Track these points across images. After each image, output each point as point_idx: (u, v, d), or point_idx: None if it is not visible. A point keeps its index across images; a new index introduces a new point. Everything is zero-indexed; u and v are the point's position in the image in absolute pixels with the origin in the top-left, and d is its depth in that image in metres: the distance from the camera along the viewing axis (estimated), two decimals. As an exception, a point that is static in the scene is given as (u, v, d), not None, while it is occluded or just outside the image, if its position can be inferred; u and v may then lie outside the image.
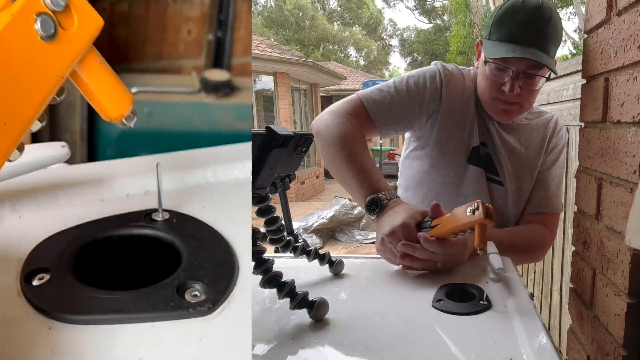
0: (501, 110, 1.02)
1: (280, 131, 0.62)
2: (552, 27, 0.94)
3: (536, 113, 1.14)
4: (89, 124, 1.31)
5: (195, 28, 1.48)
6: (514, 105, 1.00)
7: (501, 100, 1.00)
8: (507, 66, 0.95)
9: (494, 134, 1.07)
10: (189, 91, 1.35)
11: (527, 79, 0.95)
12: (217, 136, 1.34)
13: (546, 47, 0.93)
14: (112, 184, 0.78)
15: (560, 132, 1.13)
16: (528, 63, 0.93)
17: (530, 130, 1.10)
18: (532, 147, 1.09)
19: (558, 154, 1.11)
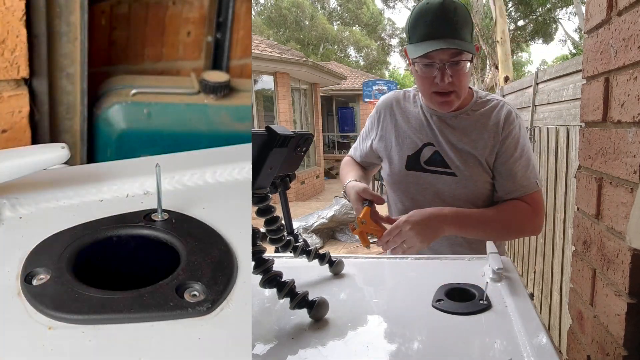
0: (441, 103, 1.12)
1: (280, 131, 0.62)
2: (460, 16, 1.05)
3: (481, 103, 1.17)
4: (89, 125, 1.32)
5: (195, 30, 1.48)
6: (451, 95, 1.09)
7: (437, 93, 1.10)
8: (432, 61, 1.05)
9: (437, 133, 1.18)
10: (188, 92, 1.35)
11: (454, 67, 1.05)
12: (216, 137, 1.34)
13: (460, 34, 1.04)
14: (112, 184, 0.78)
15: (508, 120, 1.13)
16: (449, 52, 1.03)
17: (475, 122, 1.15)
18: (478, 136, 1.14)
19: (516, 140, 1.13)
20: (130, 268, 0.66)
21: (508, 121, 1.13)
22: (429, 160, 1.18)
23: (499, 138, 1.12)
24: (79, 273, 0.59)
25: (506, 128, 1.13)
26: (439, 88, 1.08)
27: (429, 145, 1.18)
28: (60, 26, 1.17)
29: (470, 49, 1.04)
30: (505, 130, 1.13)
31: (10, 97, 1.14)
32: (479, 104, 1.17)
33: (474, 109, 1.16)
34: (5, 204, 0.71)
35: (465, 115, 1.16)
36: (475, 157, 1.13)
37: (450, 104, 1.12)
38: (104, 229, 0.67)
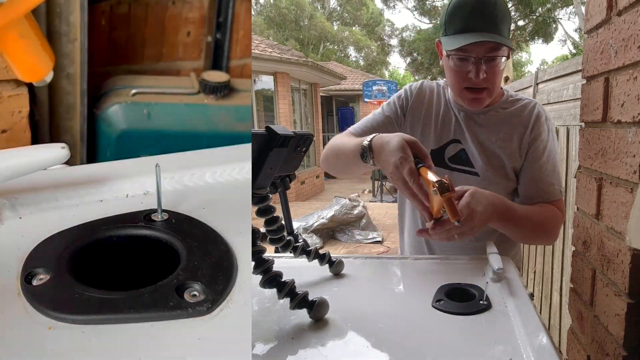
0: (471, 99, 1.08)
1: (280, 131, 0.62)
2: (500, 10, 1.01)
3: (512, 102, 1.14)
4: (89, 125, 1.32)
5: (194, 30, 1.48)
6: (483, 92, 1.06)
7: (470, 89, 1.06)
8: (468, 54, 1.01)
9: (465, 130, 1.13)
10: (188, 92, 1.36)
11: (489, 62, 1.02)
12: (216, 137, 1.34)
13: (499, 29, 1.00)
14: (112, 184, 0.78)
15: (539, 121, 1.10)
16: (486, 46, 0.99)
17: (504, 120, 1.11)
18: (506, 136, 1.10)
19: (545, 143, 1.09)
20: (130, 268, 0.66)
21: (538, 122, 1.10)
22: (454, 157, 1.13)
23: (527, 139, 1.09)
24: (79, 273, 0.59)
25: (535, 129, 1.09)
26: (472, 84, 1.04)
27: (455, 142, 1.13)
28: (60, 26, 1.17)
29: (507, 43, 1.00)
30: (535, 132, 1.09)
31: (10, 97, 1.14)
32: (509, 102, 1.13)
33: (504, 107, 1.13)
34: (5, 204, 0.71)
35: (494, 113, 1.12)
36: (501, 159, 1.09)
37: (481, 101, 1.08)
38: (104, 229, 0.67)
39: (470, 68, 1.02)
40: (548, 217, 1.07)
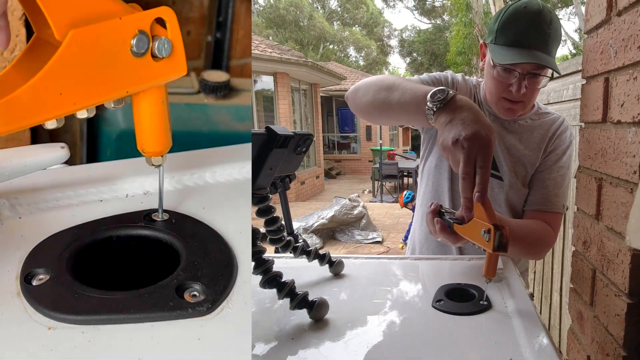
0: (506, 109, 1.08)
1: (280, 131, 0.62)
2: (554, 30, 1.00)
3: (542, 114, 1.15)
4: (89, 125, 1.32)
5: (195, 29, 1.48)
6: (519, 104, 1.06)
7: (507, 99, 1.06)
8: (514, 68, 1.00)
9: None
10: (188, 92, 1.35)
11: (532, 79, 1.01)
12: (216, 137, 1.34)
13: (549, 49, 0.99)
14: (112, 184, 0.78)
15: (563, 134, 1.12)
16: (534, 65, 0.99)
17: (532, 130, 1.13)
18: (532, 146, 1.11)
19: (560, 155, 1.11)
20: (130, 268, 0.66)
21: (563, 135, 1.11)
22: None
23: (547, 149, 1.10)
24: (79, 273, 0.59)
25: (556, 142, 1.10)
26: (511, 96, 1.04)
27: None
28: (60, 26, 1.17)
29: (554, 67, 0.99)
30: (554, 144, 1.10)
31: (10, 97, 1.13)
32: (539, 114, 1.15)
33: (533, 119, 1.14)
34: (5, 204, 0.71)
35: (523, 123, 1.13)
36: (525, 167, 1.11)
37: (515, 112, 1.08)
38: (104, 229, 0.67)
39: (512, 81, 1.02)
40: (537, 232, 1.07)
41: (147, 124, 0.64)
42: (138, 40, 0.56)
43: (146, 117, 0.63)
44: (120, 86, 0.57)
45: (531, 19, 0.97)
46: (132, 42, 0.56)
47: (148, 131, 0.64)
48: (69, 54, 0.51)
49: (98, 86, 0.55)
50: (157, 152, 0.66)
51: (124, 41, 0.55)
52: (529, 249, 1.09)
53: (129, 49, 0.56)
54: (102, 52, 0.54)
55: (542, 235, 1.08)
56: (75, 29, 0.51)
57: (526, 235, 1.05)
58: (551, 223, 1.09)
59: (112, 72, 0.56)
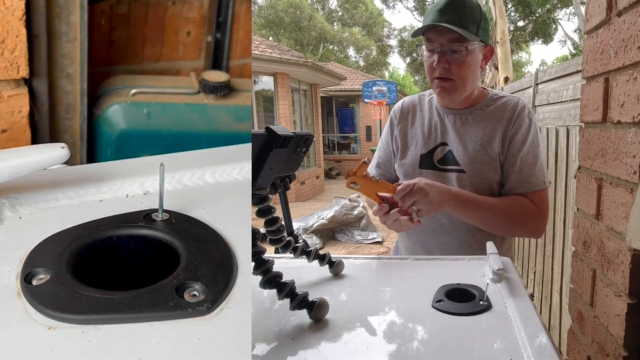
0: (440, 90, 1.15)
1: (280, 132, 0.62)
2: (468, 9, 1.10)
3: (496, 99, 1.19)
4: (89, 125, 1.32)
5: (194, 30, 1.48)
6: (448, 82, 1.13)
7: (437, 78, 1.13)
8: (433, 45, 1.10)
9: (450, 131, 1.20)
10: (188, 92, 1.35)
11: (452, 54, 1.09)
12: (216, 137, 1.34)
13: (463, 24, 1.08)
14: (112, 184, 0.78)
15: (521, 114, 1.14)
16: (448, 37, 1.08)
17: (488, 116, 1.17)
18: (491, 131, 1.15)
19: (525, 136, 1.13)
20: (130, 268, 0.66)
21: (521, 115, 1.14)
22: (442, 159, 1.20)
23: (509, 133, 1.13)
24: (79, 273, 0.59)
25: (517, 123, 1.13)
26: (437, 73, 1.12)
27: (443, 145, 1.20)
28: (60, 26, 1.17)
29: (468, 37, 1.06)
30: (516, 125, 1.13)
31: (10, 97, 1.14)
32: (494, 99, 1.19)
33: (488, 105, 1.18)
34: (5, 204, 0.71)
35: (479, 111, 1.18)
36: (487, 154, 1.14)
37: (447, 91, 1.14)
38: (104, 229, 0.67)
39: (434, 57, 1.11)
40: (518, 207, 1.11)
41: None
42: None
43: None
44: None
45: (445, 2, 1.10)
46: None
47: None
48: None
49: None
50: None
51: None
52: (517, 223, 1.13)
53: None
54: None
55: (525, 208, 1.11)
56: None
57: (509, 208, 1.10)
58: (535, 202, 1.11)
59: None
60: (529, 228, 1.15)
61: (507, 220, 1.12)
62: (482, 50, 1.15)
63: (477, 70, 1.15)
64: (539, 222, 1.14)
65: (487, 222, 1.12)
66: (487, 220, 1.11)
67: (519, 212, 1.12)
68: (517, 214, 1.12)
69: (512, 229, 1.16)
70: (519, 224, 1.14)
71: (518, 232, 1.22)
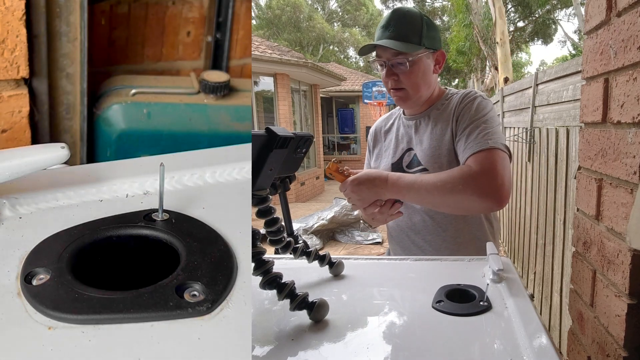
0: (395, 98, 1.23)
1: (280, 132, 0.62)
2: (408, 23, 1.16)
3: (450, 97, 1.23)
4: (89, 125, 1.31)
5: (194, 30, 1.48)
6: (401, 91, 1.20)
7: (392, 89, 1.21)
8: (381, 60, 1.18)
9: (413, 136, 1.25)
10: (188, 92, 1.35)
11: (399, 66, 1.16)
12: (216, 137, 1.34)
13: (404, 36, 1.14)
14: (112, 184, 0.78)
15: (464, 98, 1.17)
16: (389, 52, 1.14)
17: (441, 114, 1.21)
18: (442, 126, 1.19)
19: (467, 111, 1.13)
20: (130, 268, 0.66)
21: (464, 99, 1.17)
22: (410, 163, 1.25)
23: (455, 116, 1.16)
24: (79, 273, 0.59)
25: (461, 105, 1.16)
26: (390, 85, 1.20)
27: (409, 150, 1.26)
28: (60, 26, 1.17)
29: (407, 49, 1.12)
30: (460, 107, 1.16)
31: (10, 97, 1.14)
32: (449, 97, 1.23)
33: (443, 103, 1.22)
34: (5, 204, 0.71)
35: (435, 111, 1.22)
36: (443, 147, 1.16)
37: (402, 99, 1.21)
38: (104, 229, 0.67)
39: (384, 71, 1.19)
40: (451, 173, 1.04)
41: None
42: None
43: None
44: None
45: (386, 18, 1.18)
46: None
47: None
48: None
49: None
50: None
51: None
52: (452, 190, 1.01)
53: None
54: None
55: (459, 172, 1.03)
56: None
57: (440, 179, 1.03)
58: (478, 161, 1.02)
59: None
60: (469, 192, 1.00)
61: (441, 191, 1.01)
62: (432, 57, 1.19)
63: (429, 75, 1.19)
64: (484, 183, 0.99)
65: (428, 200, 1.06)
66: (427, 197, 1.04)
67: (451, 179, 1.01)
68: (450, 181, 1.01)
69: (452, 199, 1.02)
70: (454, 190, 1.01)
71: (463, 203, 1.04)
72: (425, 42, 1.16)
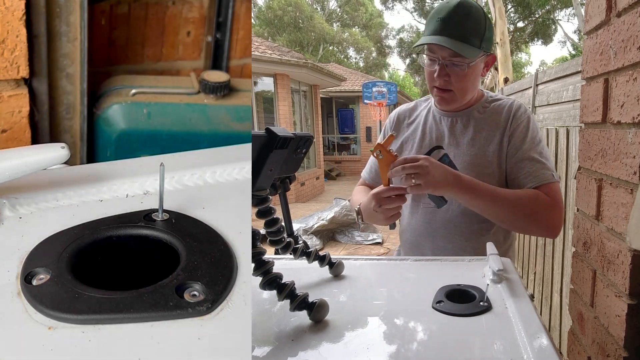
0: (439, 98, 1.16)
1: (280, 133, 0.62)
2: (472, 21, 1.08)
3: (491, 101, 1.19)
4: (89, 125, 1.31)
5: (194, 30, 1.48)
6: (448, 93, 1.13)
7: (437, 87, 1.13)
8: (435, 56, 1.09)
9: (446, 135, 1.19)
10: (188, 92, 1.35)
11: (453, 67, 1.08)
12: (216, 137, 1.34)
13: (466, 37, 1.06)
14: (112, 184, 0.78)
15: (517, 112, 1.14)
16: (449, 52, 1.07)
17: (484, 119, 1.16)
18: (490, 134, 1.14)
19: (524, 133, 1.11)
20: (130, 268, 0.66)
21: (517, 114, 1.13)
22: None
23: (508, 133, 1.12)
24: (79, 273, 0.59)
25: (515, 121, 1.12)
26: (437, 84, 1.12)
27: (438, 149, 1.19)
28: (60, 26, 1.17)
29: (468, 54, 1.05)
30: (514, 123, 1.12)
31: (10, 97, 1.13)
32: (490, 101, 1.18)
33: (485, 107, 1.17)
34: (5, 204, 0.71)
35: (476, 113, 1.17)
36: (485, 158, 1.12)
37: (447, 101, 1.15)
38: (104, 229, 0.67)
39: (435, 68, 1.10)
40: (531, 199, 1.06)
41: None
42: None
43: None
44: None
45: (449, 11, 1.07)
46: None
47: None
48: None
49: None
50: None
51: None
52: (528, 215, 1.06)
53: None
54: None
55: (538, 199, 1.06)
56: None
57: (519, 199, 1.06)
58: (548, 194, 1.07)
59: None
60: (542, 222, 1.08)
61: (517, 211, 1.06)
62: (485, 60, 1.14)
63: (478, 79, 1.15)
64: (555, 215, 1.07)
65: (495, 213, 1.07)
66: (496, 210, 1.06)
67: (530, 203, 1.05)
68: (529, 204, 1.06)
69: (523, 221, 1.09)
70: (530, 216, 1.07)
71: (530, 227, 1.13)
72: (484, 46, 1.10)
